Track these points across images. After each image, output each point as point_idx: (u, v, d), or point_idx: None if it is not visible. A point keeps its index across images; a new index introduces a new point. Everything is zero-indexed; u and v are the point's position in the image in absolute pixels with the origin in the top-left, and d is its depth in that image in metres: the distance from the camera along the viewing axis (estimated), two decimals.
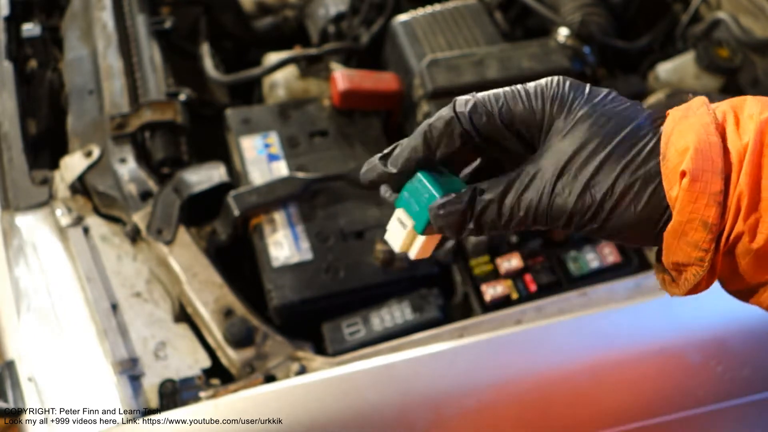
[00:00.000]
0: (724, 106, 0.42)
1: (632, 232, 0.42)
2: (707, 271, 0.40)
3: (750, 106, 0.41)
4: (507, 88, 0.43)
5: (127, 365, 0.85)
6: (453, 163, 0.46)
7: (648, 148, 0.41)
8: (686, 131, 0.40)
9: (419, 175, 0.45)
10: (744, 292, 0.43)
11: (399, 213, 0.47)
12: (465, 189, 0.44)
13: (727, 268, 0.41)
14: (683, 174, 0.39)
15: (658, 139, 0.41)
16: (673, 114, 0.42)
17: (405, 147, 0.46)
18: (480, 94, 0.43)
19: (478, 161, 0.48)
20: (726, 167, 0.39)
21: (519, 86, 0.44)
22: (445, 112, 0.44)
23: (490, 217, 0.43)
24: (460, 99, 0.44)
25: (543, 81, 0.44)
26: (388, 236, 0.48)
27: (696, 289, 0.42)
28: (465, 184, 0.45)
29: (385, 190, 0.48)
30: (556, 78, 0.44)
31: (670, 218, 0.40)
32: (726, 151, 0.39)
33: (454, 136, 0.43)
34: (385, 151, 0.47)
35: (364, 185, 0.48)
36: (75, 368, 0.85)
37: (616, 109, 0.42)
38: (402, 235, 0.47)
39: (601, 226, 0.42)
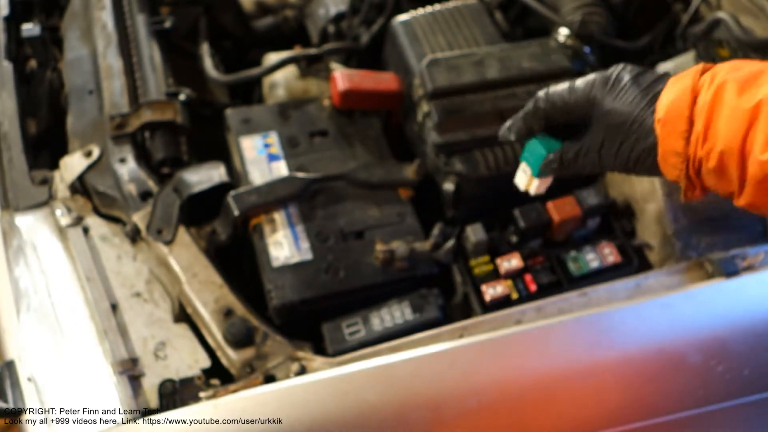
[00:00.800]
0: (712, 71, 0.63)
1: (646, 173, 0.68)
2: (687, 185, 0.64)
3: (723, 72, 0.62)
4: (564, 89, 0.69)
5: (127, 365, 0.85)
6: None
7: (644, 131, 0.65)
8: (670, 91, 0.63)
9: (533, 140, 0.72)
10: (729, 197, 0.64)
11: (522, 166, 0.74)
12: (559, 148, 0.71)
13: (706, 184, 0.64)
14: (658, 121, 0.63)
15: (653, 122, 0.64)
16: (672, 78, 0.65)
17: (514, 124, 0.73)
18: (551, 92, 0.70)
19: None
20: (691, 115, 0.61)
21: (568, 89, 0.69)
22: (531, 105, 0.71)
23: (571, 168, 0.71)
24: (540, 96, 0.71)
25: (582, 85, 0.68)
26: (516, 180, 0.75)
27: (688, 197, 0.66)
28: (560, 142, 0.71)
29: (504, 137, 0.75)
30: (590, 81, 0.68)
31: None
32: (695, 103, 0.61)
33: (539, 121, 0.71)
34: (508, 125, 0.74)
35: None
36: (75, 368, 0.85)
37: (626, 104, 0.65)
38: (525, 179, 0.74)
39: (627, 171, 0.68)
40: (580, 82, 0.68)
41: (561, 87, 0.69)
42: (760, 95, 0.57)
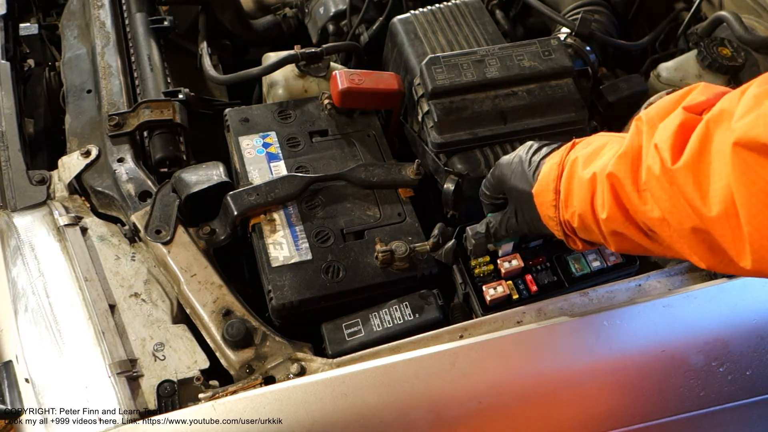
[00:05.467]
0: (575, 148, 0.77)
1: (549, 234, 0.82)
2: (568, 241, 0.79)
3: (579, 147, 0.76)
4: (486, 184, 0.90)
5: (125, 366, 0.84)
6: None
7: (532, 203, 0.80)
8: (544, 168, 0.79)
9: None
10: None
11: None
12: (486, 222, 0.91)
13: (582, 238, 0.77)
14: (535, 194, 0.79)
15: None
16: (549, 155, 0.80)
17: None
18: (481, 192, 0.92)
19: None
20: (557, 186, 0.76)
21: (492, 169, 0.89)
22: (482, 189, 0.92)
23: (499, 236, 0.90)
24: (481, 190, 0.92)
25: (497, 169, 0.87)
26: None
27: (577, 249, 0.81)
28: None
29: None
30: (502, 163, 0.86)
31: None
32: (560, 177, 0.76)
33: (489, 200, 0.91)
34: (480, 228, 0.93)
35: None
36: (72, 370, 0.84)
37: (520, 182, 0.82)
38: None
39: (539, 233, 0.88)
40: (500, 161, 0.86)
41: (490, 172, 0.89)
42: (595, 168, 0.70)
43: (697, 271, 0.92)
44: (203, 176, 1.04)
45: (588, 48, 1.25)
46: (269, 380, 0.84)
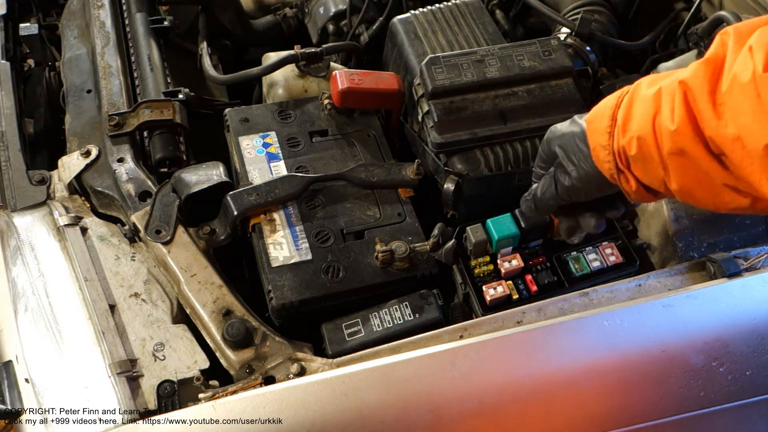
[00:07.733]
0: (641, 81, 0.71)
1: (596, 188, 0.79)
2: (621, 177, 0.72)
3: (642, 86, 0.70)
4: (538, 160, 0.85)
5: (125, 366, 0.84)
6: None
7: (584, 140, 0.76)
8: (601, 102, 0.74)
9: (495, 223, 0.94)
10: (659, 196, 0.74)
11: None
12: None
13: (637, 174, 0.70)
14: (587, 122, 0.74)
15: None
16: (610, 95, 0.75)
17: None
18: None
19: None
20: (614, 114, 0.71)
21: (539, 154, 0.85)
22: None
23: (540, 201, 0.87)
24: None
25: (544, 144, 0.83)
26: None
27: (629, 194, 0.74)
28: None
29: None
30: (545, 138, 0.82)
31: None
32: (619, 106, 0.71)
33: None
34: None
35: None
36: (72, 370, 0.84)
37: (567, 128, 0.78)
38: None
39: (587, 191, 0.80)
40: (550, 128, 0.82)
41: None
42: (661, 84, 0.67)
43: (697, 271, 0.92)
44: (203, 176, 1.04)
45: (588, 48, 1.25)
46: (269, 380, 0.84)
